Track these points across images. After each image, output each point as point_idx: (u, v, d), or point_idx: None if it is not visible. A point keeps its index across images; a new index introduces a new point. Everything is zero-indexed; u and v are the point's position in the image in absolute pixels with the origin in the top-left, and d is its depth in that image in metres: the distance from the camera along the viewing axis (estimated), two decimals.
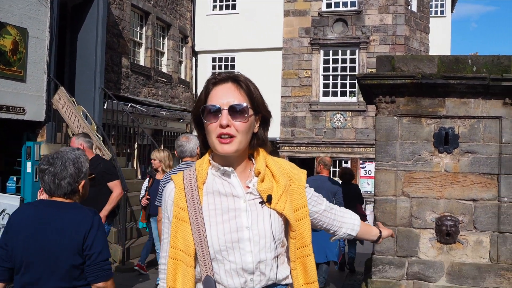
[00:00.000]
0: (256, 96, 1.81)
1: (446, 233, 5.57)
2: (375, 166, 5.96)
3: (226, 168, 1.79)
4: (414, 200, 5.73)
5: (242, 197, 1.78)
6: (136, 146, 13.63)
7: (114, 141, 12.05)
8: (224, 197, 1.78)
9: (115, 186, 6.00)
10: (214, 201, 1.78)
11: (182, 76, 18.38)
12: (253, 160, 1.87)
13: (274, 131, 17.29)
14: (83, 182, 2.81)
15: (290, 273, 1.88)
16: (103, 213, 5.76)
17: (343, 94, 17.49)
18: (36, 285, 2.62)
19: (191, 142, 5.31)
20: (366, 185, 17.08)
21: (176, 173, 1.99)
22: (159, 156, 7.44)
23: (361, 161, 17.46)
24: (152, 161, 7.60)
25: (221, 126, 1.71)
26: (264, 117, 1.86)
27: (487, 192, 5.55)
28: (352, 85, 17.40)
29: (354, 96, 17.15)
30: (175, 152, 5.51)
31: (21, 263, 2.62)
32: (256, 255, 1.75)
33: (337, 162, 17.55)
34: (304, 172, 1.94)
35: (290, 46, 17.70)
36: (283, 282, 1.86)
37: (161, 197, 5.14)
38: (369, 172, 17.36)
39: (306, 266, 1.86)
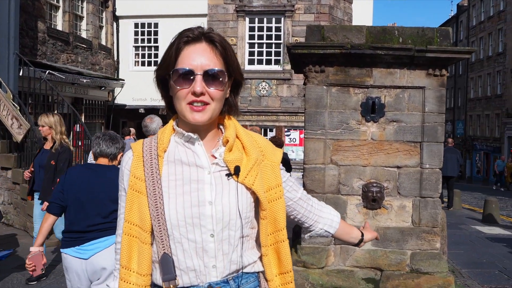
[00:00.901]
0: (231, 59, 1.61)
1: (372, 199, 5.78)
2: (304, 134, 6.03)
3: (190, 134, 1.60)
4: (342, 168, 5.87)
5: (206, 168, 1.59)
6: None
7: (32, 110, 11.43)
8: (186, 167, 1.59)
9: None
10: (175, 171, 1.59)
11: (103, 42, 17.66)
12: (222, 129, 1.69)
13: None
14: (121, 154, 3.92)
15: (261, 260, 1.69)
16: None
17: (268, 62, 17.51)
18: (85, 220, 3.61)
19: (154, 123, 5.82)
20: (291, 153, 17.36)
21: None
22: (48, 121, 6.23)
23: (286, 129, 17.69)
24: (40, 128, 6.34)
25: (194, 94, 1.53)
26: (236, 80, 1.68)
27: (411, 159, 5.79)
28: (277, 53, 17.46)
29: (283, 64, 17.23)
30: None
31: (74, 204, 3.66)
32: (219, 234, 1.57)
33: (262, 130, 17.67)
34: (280, 151, 1.75)
35: (215, 13, 17.42)
36: (252, 270, 1.68)
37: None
38: (294, 140, 17.65)
39: (280, 253, 1.68)
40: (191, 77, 1.53)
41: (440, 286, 5.73)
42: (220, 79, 1.56)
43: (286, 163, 8.93)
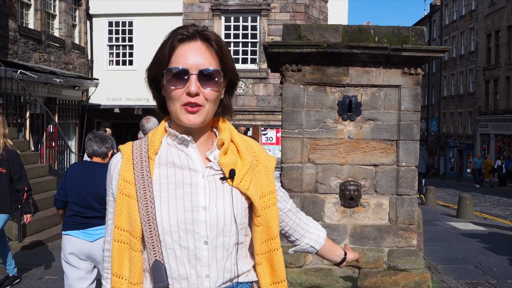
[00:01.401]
0: (227, 58, 1.54)
1: (350, 197, 5.80)
2: (282, 134, 6.03)
3: (184, 136, 1.53)
4: (319, 167, 5.88)
5: (200, 172, 1.52)
6: (28, 115, 12.78)
7: (3, 111, 11.19)
8: (179, 170, 1.52)
9: None
10: (167, 174, 1.52)
11: (76, 41, 17.39)
12: (216, 132, 1.63)
13: None
14: (111, 151, 4.36)
15: (255, 269, 1.64)
16: None
17: (244, 61, 17.48)
18: (88, 210, 4.11)
19: (150, 123, 6.05)
20: (267, 152, 17.35)
21: None
22: None
23: (262, 128, 17.69)
24: None
25: (189, 94, 1.46)
26: (231, 81, 1.61)
27: (387, 158, 5.83)
28: (253, 52, 17.44)
29: (259, 64, 17.20)
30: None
31: (75, 197, 4.17)
32: (213, 241, 1.50)
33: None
34: (274, 158, 1.71)
35: (191, 12, 17.31)
36: (246, 279, 1.63)
37: None
38: (271, 139, 17.66)
39: (273, 262, 1.62)
40: (186, 77, 1.47)
41: (417, 283, 5.78)
42: (216, 79, 1.50)
43: None
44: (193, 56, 1.48)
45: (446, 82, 44.74)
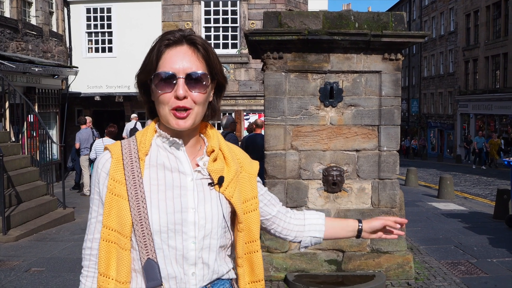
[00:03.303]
0: (214, 61, 1.58)
1: (333, 183, 5.88)
2: (264, 121, 6.06)
3: (175, 139, 1.57)
4: (302, 153, 5.94)
5: (189, 175, 1.57)
6: (7, 106, 12.61)
7: None
8: (169, 172, 1.57)
9: None
10: (157, 175, 1.56)
11: (54, 29, 17.12)
12: (204, 138, 1.68)
13: None
14: None
15: (236, 269, 1.72)
16: None
17: (225, 46, 17.41)
18: None
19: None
20: None
21: None
22: None
23: (244, 113, 17.71)
24: None
25: (177, 98, 1.50)
26: (219, 83, 1.66)
27: (369, 143, 5.90)
28: (234, 37, 17.37)
29: (240, 50, 17.14)
30: None
31: None
32: (200, 241, 1.56)
33: (221, 114, 17.63)
34: (256, 163, 1.77)
35: None
36: (226, 277, 1.69)
37: None
38: None
39: (253, 263, 1.71)
40: (173, 81, 1.51)
41: (400, 264, 5.91)
42: (203, 82, 1.54)
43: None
44: (180, 60, 1.52)
45: (426, 62, 45.05)
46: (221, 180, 1.60)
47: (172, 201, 1.54)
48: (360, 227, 1.89)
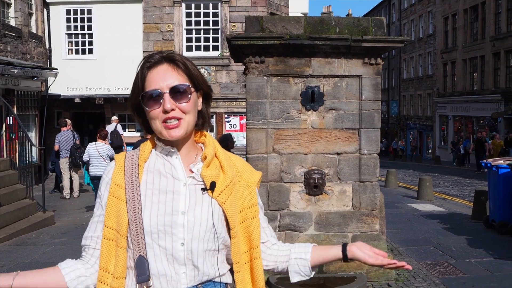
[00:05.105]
0: (195, 73, 1.71)
1: (314, 186, 5.94)
2: (246, 125, 6.10)
3: (169, 147, 1.72)
4: (284, 156, 5.99)
5: (182, 180, 1.69)
6: None
7: None
8: (163, 177, 1.70)
9: None
10: (153, 180, 1.70)
11: (34, 30, 16.94)
12: (201, 146, 1.80)
13: None
14: None
15: (233, 275, 1.76)
16: None
17: (206, 48, 17.41)
18: None
19: None
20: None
21: None
22: None
23: (226, 116, 17.71)
24: None
25: (165, 111, 1.63)
26: (205, 92, 1.78)
27: (350, 146, 5.98)
28: (215, 39, 17.37)
29: (221, 54, 17.14)
30: None
31: None
32: (188, 243, 1.64)
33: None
34: (258, 173, 1.85)
35: None
36: (220, 280, 1.73)
37: None
38: (234, 126, 17.71)
39: (253, 271, 1.77)
40: (160, 97, 1.64)
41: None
42: (187, 93, 1.66)
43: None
44: (162, 78, 1.66)
45: (406, 65, 45.56)
46: (213, 185, 1.69)
47: (164, 204, 1.67)
48: (344, 248, 1.81)
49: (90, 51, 17.85)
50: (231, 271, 1.78)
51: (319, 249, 1.85)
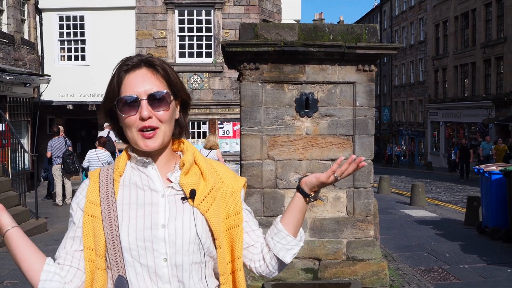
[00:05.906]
0: (174, 80, 1.61)
1: None
2: (241, 131, 6.11)
3: (143, 158, 1.60)
4: (278, 163, 6.00)
5: (160, 192, 1.58)
6: None
7: None
8: (140, 191, 1.59)
9: None
10: (130, 195, 1.59)
11: (26, 37, 16.90)
12: (181, 155, 1.69)
13: None
14: None
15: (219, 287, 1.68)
16: None
17: (199, 55, 17.43)
18: None
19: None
20: (224, 145, 17.44)
21: None
22: None
23: (219, 122, 17.73)
24: None
25: (142, 119, 1.52)
26: (183, 100, 1.68)
27: (344, 152, 6.00)
28: (208, 46, 17.40)
29: (215, 61, 17.16)
30: None
31: None
32: (172, 257, 1.53)
33: (196, 123, 17.65)
34: (242, 179, 1.75)
35: (144, 5, 17.10)
36: None
37: None
38: (227, 132, 17.72)
39: (236, 282, 1.70)
40: (136, 104, 1.53)
41: (375, 272, 6.00)
42: (166, 100, 1.56)
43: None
44: (140, 83, 1.55)
45: (397, 71, 45.82)
46: (192, 193, 1.58)
47: (142, 218, 1.56)
48: (298, 185, 1.76)
49: (83, 58, 17.83)
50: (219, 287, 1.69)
51: (285, 212, 1.76)
